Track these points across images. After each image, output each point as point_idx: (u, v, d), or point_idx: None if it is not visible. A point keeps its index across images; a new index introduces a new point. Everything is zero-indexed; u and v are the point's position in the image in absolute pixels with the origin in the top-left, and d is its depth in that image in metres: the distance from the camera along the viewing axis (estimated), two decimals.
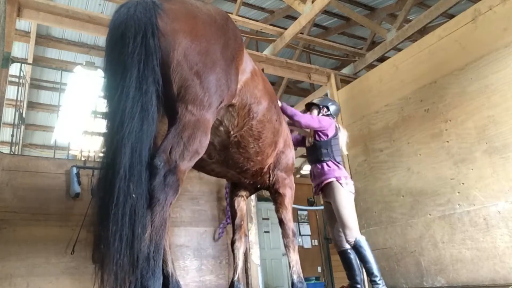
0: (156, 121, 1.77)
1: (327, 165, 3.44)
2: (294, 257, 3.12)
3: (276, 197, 3.21)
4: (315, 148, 3.53)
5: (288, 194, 3.22)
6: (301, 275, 3.14)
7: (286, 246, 3.16)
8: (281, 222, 3.18)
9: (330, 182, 3.36)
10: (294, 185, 3.35)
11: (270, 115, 2.70)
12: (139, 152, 1.66)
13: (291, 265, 3.11)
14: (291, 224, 3.17)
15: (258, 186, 3.21)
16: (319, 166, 3.48)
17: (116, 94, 1.75)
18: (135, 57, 1.74)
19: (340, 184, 3.32)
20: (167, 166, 1.75)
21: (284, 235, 3.17)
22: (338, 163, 3.44)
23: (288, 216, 3.18)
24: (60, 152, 7.67)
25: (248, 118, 2.46)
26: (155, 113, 1.76)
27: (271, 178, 3.13)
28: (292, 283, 3.08)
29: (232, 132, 2.45)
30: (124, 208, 1.56)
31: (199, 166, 2.71)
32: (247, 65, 2.43)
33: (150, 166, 1.71)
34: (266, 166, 3.00)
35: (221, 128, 2.41)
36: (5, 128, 7.22)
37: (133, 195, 1.58)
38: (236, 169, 2.83)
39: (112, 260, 1.51)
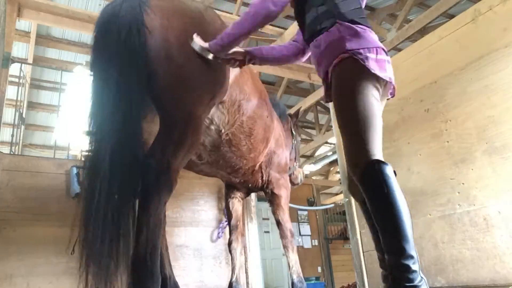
0: (140, 121, 1.74)
1: (333, 32, 1.77)
2: (293, 257, 3.14)
3: (271, 198, 3.21)
4: (303, 12, 1.92)
5: (284, 194, 3.21)
6: (301, 275, 3.15)
7: (285, 247, 3.17)
8: (279, 223, 3.19)
9: (343, 61, 1.72)
10: (289, 185, 3.34)
11: (261, 111, 2.71)
12: (120, 151, 1.62)
13: (290, 265, 3.13)
14: (288, 225, 3.17)
15: (250, 185, 3.19)
16: (318, 40, 1.83)
17: (101, 92, 1.73)
18: (120, 55, 1.72)
19: (361, 60, 1.66)
20: (159, 166, 1.73)
21: (282, 235, 3.17)
22: (356, 23, 1.77)
23: (285, 217, 3.18)
24: (60, 152, 7.66)
25: (238, 114, 2.45)
26: (139, 112, 1.73)
27: (264, 178, 3.11)
28: (292, 283, 3.09)
29: (223, 130, 2.43)
30: (105, 208, 1.53)
31: (188, 167, 2.68)
32: None
33: (142, 166, 1.69)
34: (257, 165, 2.98)
35: (212, 127, 2.39)
36: (5, 128, 7.22)
37: (115, 196, 1.56)
38: (227, 169, 2.81)
39: (94, 260, 1.50)
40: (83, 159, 1.79)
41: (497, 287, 3.18)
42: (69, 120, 6.94)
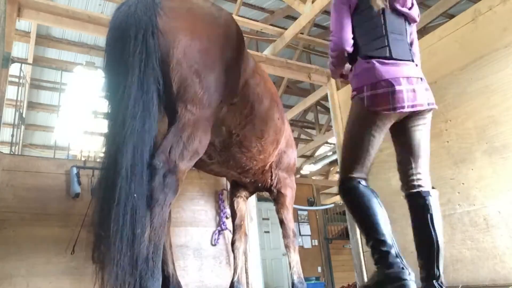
0: (157, 120, 1.77)
1: (354, 67, 2.13)
2: (295, 257, 3.13)
3: (277, 197, 3.20)
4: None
5: (289, 194, 3.21)
6: (302, 275, 3.14)
7: (287, 247, 3.16)
8: (282, 223, 3.18)
9: (353, 98, 2.09)
10: (295, 185, 3.33)
11: (272, 113, 2.71)
12: (140, 151, 1.65)
13: (291, 265, 3.11)
14: (291, 225, 3.17)
15: (259, 185, 3.19)
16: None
17: (117, 93, 1.74)
18: (136, 56, 1.74)
19: (360, 99, 1.98)
20: (166, 166, 1.74)
21: (285, 235, 3.16)
22: (369, 57, 2.01)
23: (288, 216, 3.18)
24: (60, 152, 7.66)
25: (250, 116, 2.46)
26: (156, 112, 1.76)
27: (273, 177, 3.12)
28: (293, 284, 3.07)
29: (234, 131, 2.44)
30: (125, 207, 1.55)
31: (198, 166, 2.71)
32: (249, 63, 2.42)
33: (149, 166, 1.70)
34: (268, 165, 2.99)
35: (223, 128, 2.39)
36: (5, 128, 7.22)
37: (135, 195, 1.57)
38: (237, 169, 2.82)
39: (113, 260, 1.50)
40: (83, 158, 1.79)
41: (497, 287, 3.18)
42: (69, 120, 6.95)
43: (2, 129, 4.00)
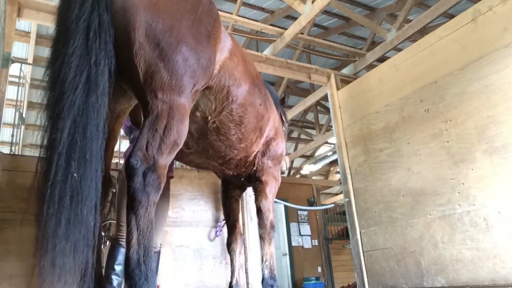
0: (108, 97, 1.58)
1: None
2: (269, 250, 2.94)
3: (256, 185, 2.99)
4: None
5: (271, 182, 3.01)
6: (274, 271, 2.94)
7: (262, 238, 2.96)
8: (259, 211, 2.97)
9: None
10: (279, 177, 3.14)
11: (253, 98, 2.53)
12: (83, 127, 1.48)
13: (264, 259, 2.91)
14: (269, 215, 2.97)
15: (241, 179, 3.05)
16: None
17: (56, 64, 1.55)
18: (80, 24, 1.56)
19: None
20: (145, 164, 1.64)
21: (261, 225, 2.96)
22: None
23: (267, 205, 2.97)
24: None
25: (226, 101, 2.30)
26: (107, 88, 1.58)
27: (256, 169, 2.94)
28: (263, 279, 2.87)
29: (209, 118, 2.29)
30: (62, 188, 1.40)
31: (177, 157, 2.54)
32: (226, 43, 2.25)
33: (127, 166, 1.61)
34: (252, 155, 2.82)
35: (197, 113, 2.25)
36: (5, 128, 7.22)
37: (75, 175, 1.42)
38: (217, 160, 2.67)
39: (50, 245, 1.38)
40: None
41: (497, 287, 3.18)
42: None
43: (2, 129, 4.00)
